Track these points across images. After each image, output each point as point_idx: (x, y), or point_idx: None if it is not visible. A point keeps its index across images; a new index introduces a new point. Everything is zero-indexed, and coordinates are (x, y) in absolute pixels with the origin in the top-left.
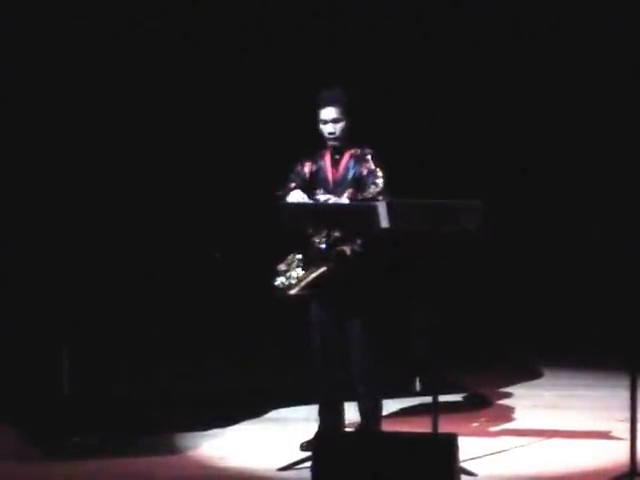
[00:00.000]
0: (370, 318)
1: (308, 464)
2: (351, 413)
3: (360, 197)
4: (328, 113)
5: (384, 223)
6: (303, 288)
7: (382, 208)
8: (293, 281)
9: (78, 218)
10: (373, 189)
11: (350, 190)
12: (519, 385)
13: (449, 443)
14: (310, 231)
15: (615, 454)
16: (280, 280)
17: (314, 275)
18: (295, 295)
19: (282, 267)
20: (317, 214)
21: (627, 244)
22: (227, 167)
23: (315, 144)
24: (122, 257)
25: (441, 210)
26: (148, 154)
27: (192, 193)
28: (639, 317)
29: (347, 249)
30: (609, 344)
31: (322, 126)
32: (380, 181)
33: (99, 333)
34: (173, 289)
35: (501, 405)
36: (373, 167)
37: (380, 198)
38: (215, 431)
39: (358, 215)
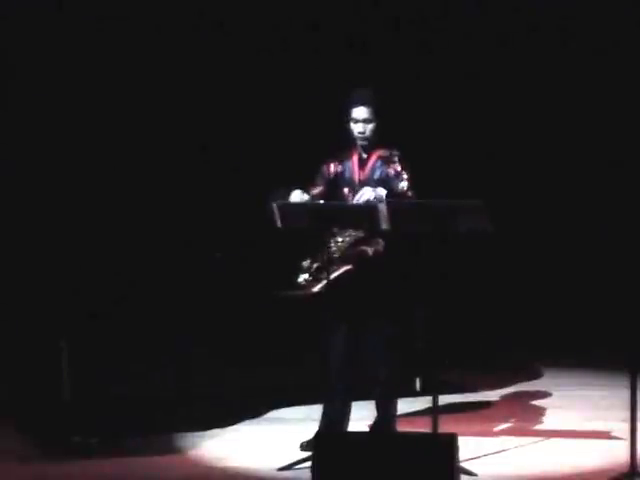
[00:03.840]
0: (392, 320)
1: (308, 464)
2: (356, 413)
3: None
4: (360, 112)
5: (384, 224)
6: (325, 286)
7: (382, 208)
8: (314, 279)
9: (79, 218)
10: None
11: None
12: (519, 385)
13: (449, 443)
14: (334, 230)
15: (615, 454)
16: (303, 277)
17: (336, 274)
18: (316, 293)
19: (306, 264)
20: (317, 214)
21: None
22: (228, 167)
23: (334, 143)
24: (122, 257)
25: (442, 210)
26: (149, 154)
27: (193, 193)
28: (639, 317)
29: (369, 249)
30: (609, 344)
31: (352, 125)
32: (405, 184)
33: (99, 333)
34: (173, 289)
35: (501, 405)
36: (399, 169)
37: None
38: (215, 431)
39: (358, 215)
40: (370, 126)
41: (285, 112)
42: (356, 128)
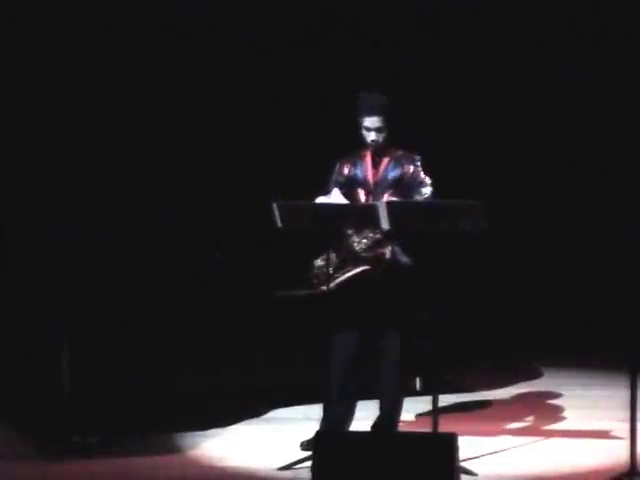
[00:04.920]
0: (403, 321)
1: (308, 464)
2: (357, 413)
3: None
4: (373, 122)
5: (384, 224)
6: (336, 286)
7: (382, 208)
8: (326, 278)
9: (78, 218)
10: (419, 198)
11: (390, 192)
12: (519, 385)
13: (449, 443)
14: (350, 231)
15: (615, 454)
16: (313, 275)
17: (350, 274)
18: (326, 291)
19: (319, 262)
20: (317, 214)
21: (628, 229)
22: (229, 166)
23: (341, 143)
24: (122, 256)
25: (441, 210)
26: (149, 154)
27: (193, 192)
28: (639, 317)
29: (386, 251)
30: (609, 344)
31: (365, 132)
32: (428, 190)
33: (99, 332)
34: (173, 289)
35: (501, 405)
36: (422, 174)
37: None
38: (215, 431)
39: (358, 215)
40: (383, 134)
41: (287, 111)
42: (369, 136)
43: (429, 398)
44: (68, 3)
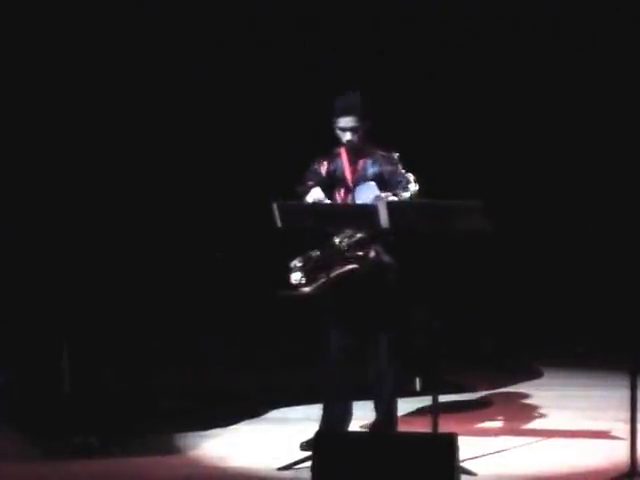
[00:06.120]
0: (393, 320)
1: (308, 464)
2: (356, 413)
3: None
4: (346, 122)
5: (384, 223)
6: (319, 287)
7: (382, 208)
8: (309, 279)
9: (79, 218)
10: (405, 194)
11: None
12: (519, 385)
13: (449, 443)
14: (332, 230)
15: (615, 454)
16: (295, 276)
17: (332, 275)
18: (309, 293)
19: (298, 263)
20: (317, 214)
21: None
22: (228, 166)
23: (326, 141)
24: (123, 257)
25: (441, 210)
26: (149, 154)
27: (193, 193)
28: (639, 317)
29: (371, 251)
30: (609, 344)
31: (340, 132)
32: (413, 186)
33: (99, 333)
34: (174, 289)
35: (501, 405)
36: (403, 171)
37: None
38: (215, 431)
39: (358, 215)
40: (358, 134)
41: (288, 112)
42: (344, 136)
43: (429, 398)
44: (68, 3)
